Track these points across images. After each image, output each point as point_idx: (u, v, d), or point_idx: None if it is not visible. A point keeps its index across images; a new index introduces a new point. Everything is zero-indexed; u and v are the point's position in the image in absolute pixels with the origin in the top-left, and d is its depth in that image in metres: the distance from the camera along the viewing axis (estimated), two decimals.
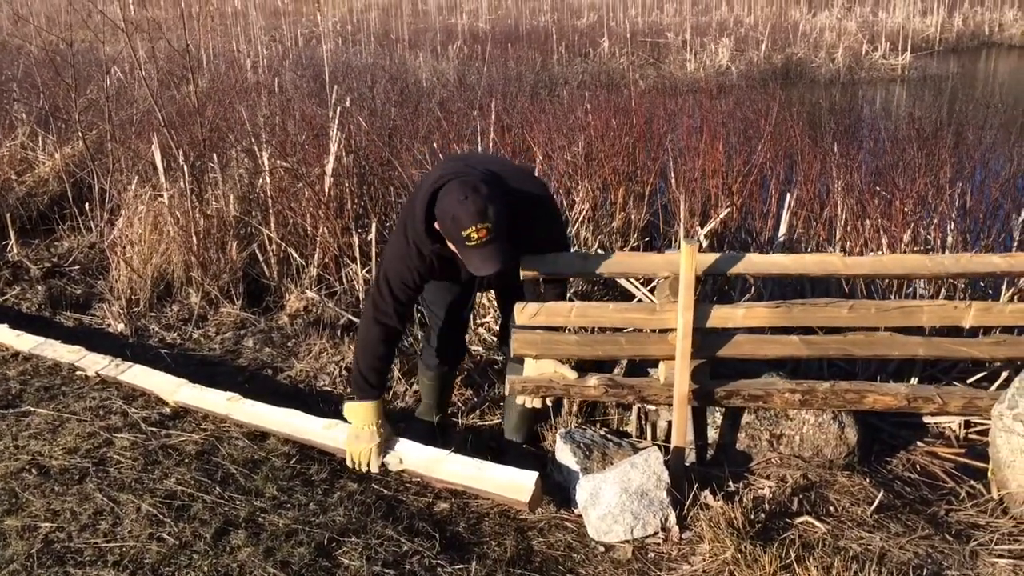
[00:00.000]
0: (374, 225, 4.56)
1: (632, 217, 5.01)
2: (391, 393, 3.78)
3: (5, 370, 3.84)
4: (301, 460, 3.11)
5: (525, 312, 2.97)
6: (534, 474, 2.81)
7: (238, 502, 2.80)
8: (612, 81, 11.28)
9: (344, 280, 4.71)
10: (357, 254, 4.62)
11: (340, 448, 3.08)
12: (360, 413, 2.99)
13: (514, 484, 2.82)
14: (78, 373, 3.73)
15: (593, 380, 3.03)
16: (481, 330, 4.28)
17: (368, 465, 3.00)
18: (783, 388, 3.03)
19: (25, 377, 3.76)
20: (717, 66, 14.15)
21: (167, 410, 3.41)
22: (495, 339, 4.15)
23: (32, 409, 3.41)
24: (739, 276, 3.00)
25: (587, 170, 5.04)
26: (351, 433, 3.02)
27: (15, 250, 5.45)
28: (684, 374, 2.89)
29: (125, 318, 4.42)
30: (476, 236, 2.52)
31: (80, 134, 6.32)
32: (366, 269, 4.60)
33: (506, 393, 3.12)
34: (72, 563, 2.47)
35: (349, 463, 3.04)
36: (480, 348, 4.14)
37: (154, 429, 3.25)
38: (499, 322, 3.51)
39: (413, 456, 3.01)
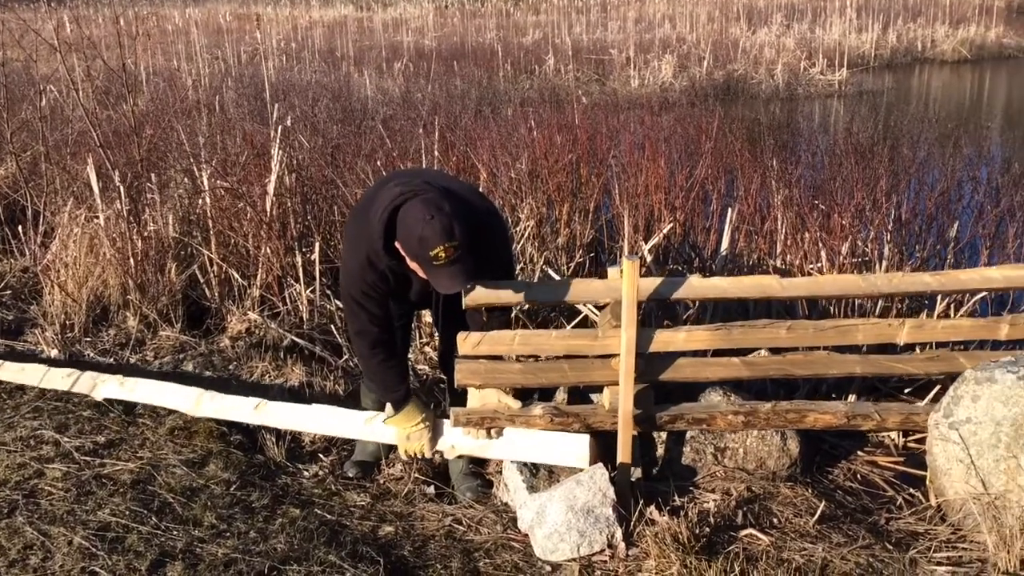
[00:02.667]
0: (318, 244, 4.51)
1: (577, 233, 5.02)
2: None
3: None
4: (241, 487, 3.05)
5: (468, 342, 2.95)
6: (586, 437, 2.95)
7: (175, 532, 2.72)
8: (557, 97, 11.35)
9: (288, 300, 4.64)
10: (301, 274, 4.56)
11: (384, 440, 3.22)
12: (400, 420, 3.02)
13: (570, 449, 2.95)
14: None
15: (538, 410, 3.02)
16: (428, 349, 4.25)
17: (423, 454, 3.10)
18: (726, 411, 3.06)
19: None
20: (661, 82, 14.33)
21: (101, 439, 3.31)
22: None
23: None
24: (681, 300, 3.03)
25: (532, 187, 5.04)
26: (400, 436, 3.05)
27: None
28: (628, 392, 2.89)
29: (59, 344, 4.28)
30: (444, 255, 2.52)
31: (13, 155, 6.15)
32: (310, 289, 4.54)
33: (451, 424, 3.09)
34: None
35: (405, 457, 3.14)
36: (426, 367, 4.11)
37: (88, 458, 3.15)
38: (440, 346, 3.47)
39: (465, 442, 3.09)
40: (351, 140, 5.86)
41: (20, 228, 5.51)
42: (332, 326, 4.39)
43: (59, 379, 3.71)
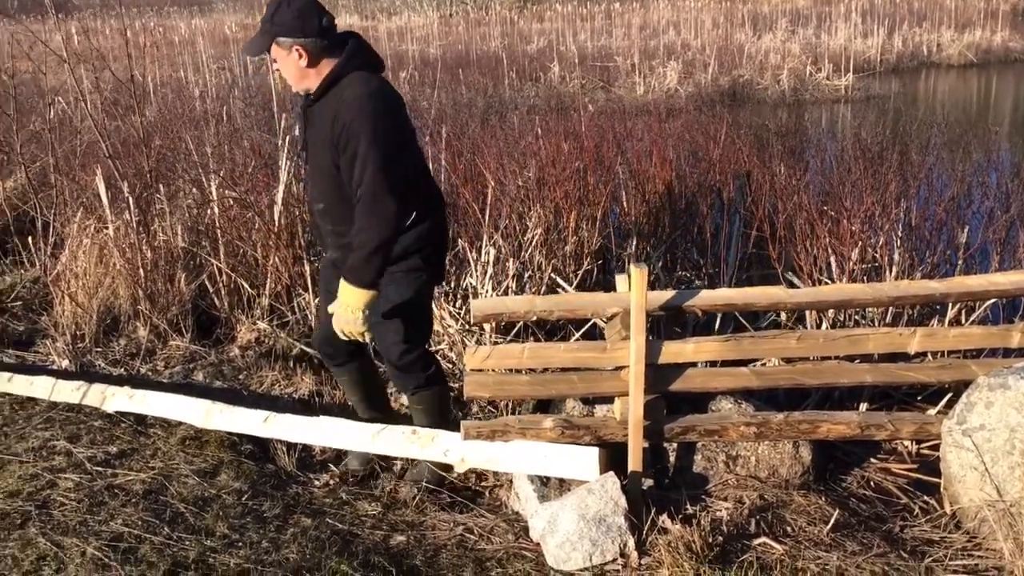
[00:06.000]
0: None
1: (585, 240, 5.02)
2: None
3: None
4: (253, 497, 3.05)
5: (476, 355, 2.95)
6: (595, 449, 2.89)
7: (187, 542, 2.72)
8: (563, 105, 11.37)
9: (296, 309, 4.65)
10: (309, 283, 4.57)
11: (392, 455, 3.24)
12: (362, 298, 2.81)
13: (580, 462, 2.89)
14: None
15: (548, 422, 3.01)
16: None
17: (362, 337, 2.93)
18: (738, 422, 3.05)
19: None
20: (666, 89, 14.34)
21: (113, 449, 3.32)
22: (451, 365, 4.12)
23: None
24: (690, 311, 3.03)
25: (539, 195, 5.05)
26: (341, 316, 2.85)
27: None
28: (638, 402, 2.88)
29: (70, 354, 4.29)
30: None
31: (22, 167, 6.17)
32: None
33: (462, 437, 3.07)
34: None
35: (342, 336, 2.93)
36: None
37: (100, 469, 3.16)
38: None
39: (475, 455, 3.04)
40: None
41: (30, 239, 5.53)
42: None
43: (69, 392, 3.71)
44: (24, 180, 6.19)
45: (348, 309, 2.84)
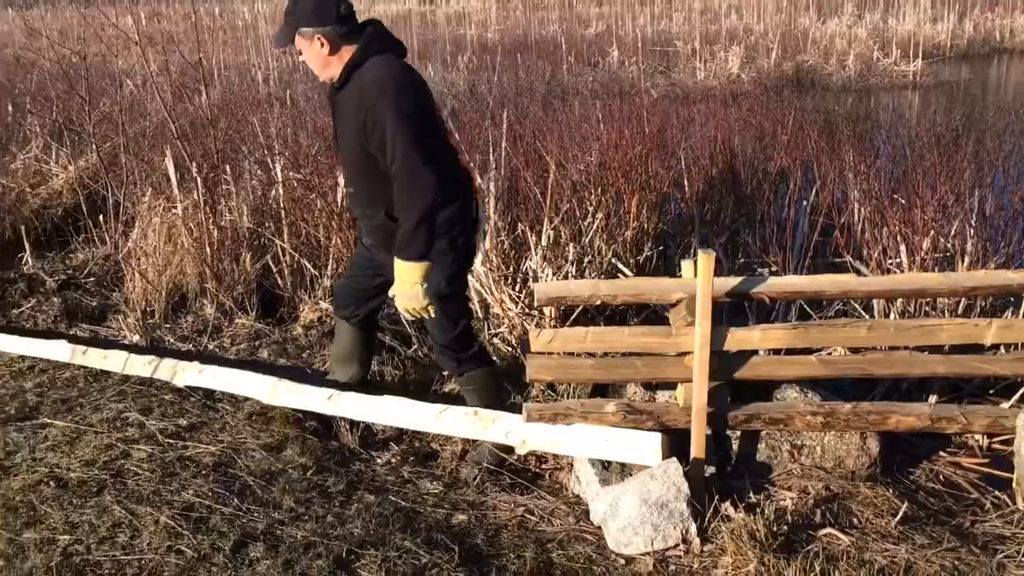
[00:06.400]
0: None
1: (646, 226, 4.98)
2: None
3: (22, 382, 3.85)
4: (318, 472, 3.10)
5: (540, 338, 2.96)
6: (658, 435, 2.88)
7: (256, 514, 2.78)
8: (622, 90, 11.27)
9: None
10: None
11: (455, 434, 3.25)
12: (417, 272, 2.87)
13: (642, 447, 2.89)
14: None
15: (611, 407, 3.00)
16: (496, 340, 4.26)
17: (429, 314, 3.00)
18: (804, 411, 3.00)
19: (42, 389, 3.77)
20: (727, 74, 14.11)
21: (183, 422, 3.40)
22: (510, 348, 4.13)
23: (49, 421, 3.41)
24: (757, 298, 2.98)
25: (600, 179, 5.02)
26: (402, 294, 2.92)
27: (30, 263, 5.46)
28: (702, 389, 2.86)
29: (141, 329, 4.41)
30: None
31: (94, 147, 6.34)
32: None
33: (523, 419, 3.07)
34: None
35: (408, 317, 3.04)
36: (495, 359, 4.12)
37: (171, 441, 3.24)
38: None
39: (536, 437, 3.05)
40: None
41: (101, 217, 5.69)
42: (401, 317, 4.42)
43: (141, 366, 3.81)
44: (96, 160, 6.36)
45: (406, 285, 2.89)
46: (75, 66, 6.67)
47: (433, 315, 3.02)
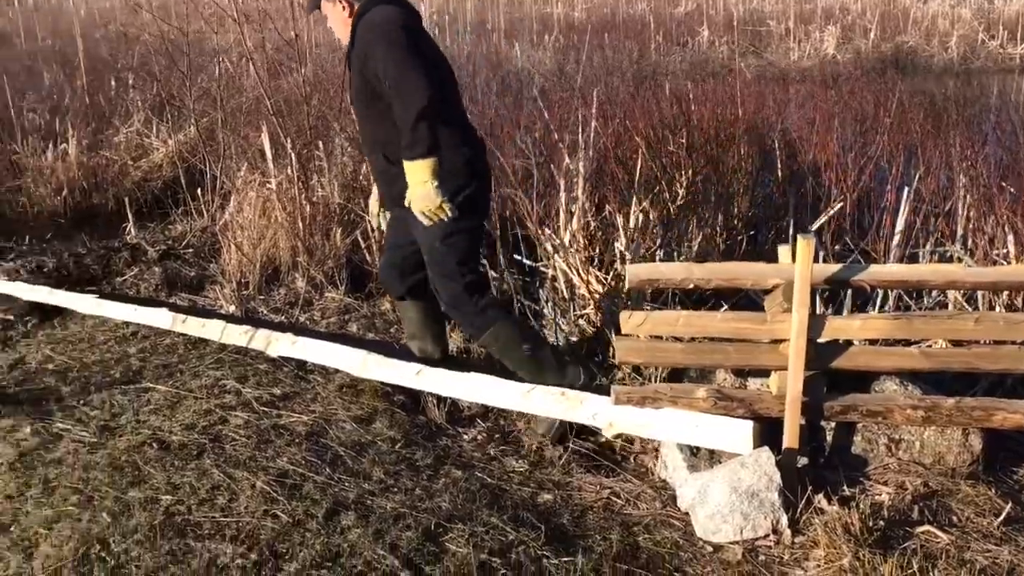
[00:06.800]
0: None
1: (737, 209, 4.89)
2: None
3: (126, 347, 4.01)
4: (406, 445, 3.15)
5: (631, 320, 2.93)
6: (750, 423, 2.83)
7: (347, 484, 2.85)
8: (712, 70, 11.04)
9: None
10: None
11: (541, 415, 3.22)
12: (426, 169, 2.97)
13: (734, 435, 2.83)
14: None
15: (701, 392, 2.95)
16: (581, 322, 4.24)
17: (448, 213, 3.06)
18: (904, 404, 2.89)
19: (144, 355, 3.92)
20: (822, 55, 13.69)
21: (277, 391, 3.50)
22: (595, 329, 4.11)
23: (152, 385, 3.55)
24: (857, 286, 2.89)
25: (690, 161, 4.93)
26: (416, 196, 3.02)
27: (133, 232, 5.68)
28: (797, 378, 2.79)
29: (236, 300, 4.55)
30: None
31: (193, 121, 6.54)
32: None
33: (611, 402, 3.04)
34: (192, 536, 2.56)
35: (428, 223, 3.08)
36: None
37: (266, 409, 3.34)
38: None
39: (624, 420, 3.03)
40: (509, 112, 5.89)
41: (199, 190, 5.87)
42: None
43: (237, 335, 3.93)
44: (194, 134, 6.56)
45: (417, 185, 2.99)
46: (176, 42, 6.86)
47: (449, 214, 3.06)
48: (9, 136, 6.84)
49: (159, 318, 4.15)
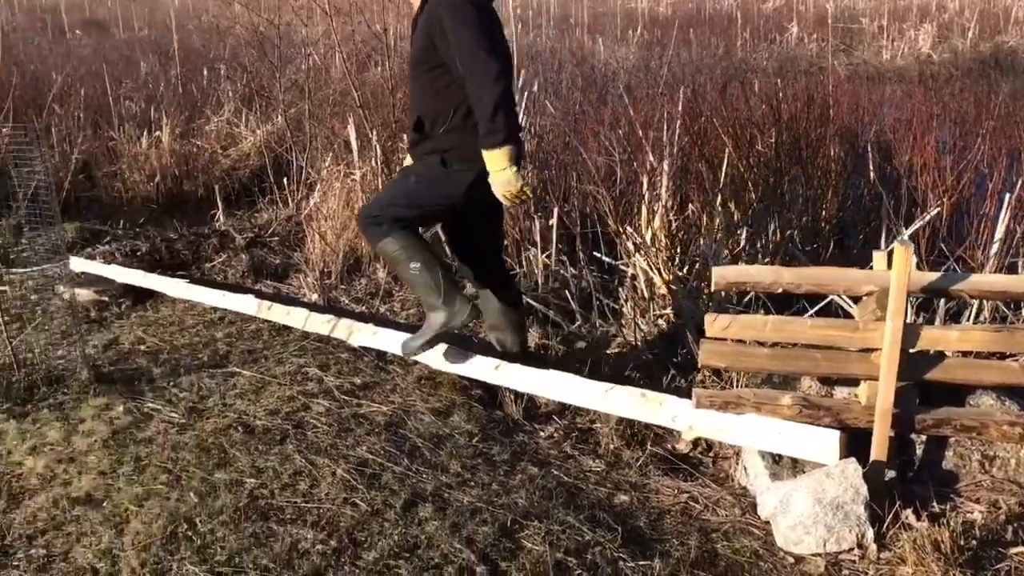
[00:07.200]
0: (556, 210, 4.55)
1: (823, 212, 4.75)
2: None
3: (213, 332, 4.13)
4: (483, 440, 3.16)
5: (717, 324, 2.88)
6: (836, 432, 2.76)
7: (425, 475, 2.87)
8: (802, 68, 10.76)
9: (524, 264, 4.74)
10: (537, 238, 4.63)
11: (619, 415, 3.21)
12: (505, 156, 3.00)
13: (819, 444, 2.77)
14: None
15: (787, 399, 2.88)
16: (660, 321, 4.19)
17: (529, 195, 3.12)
18: (1001, 420, 2.78)
19: (231, 339, 4.03)
20: (916, 54, 13.21)
21: (358, 380, 3.55)
22: (674, 330, 4.05)
23: (238, 370, 3.64)
24: (956, 295, 2.78)
25: (779, 162, 4.81)
26: (497, 182, 3.05)
27: (221, 220, 5.84)
28: (889, 388, 2.70)
29: (319, 289, 4.64)
30: None
31: (281, 112, 6.69)
32: (545, 254, 4.61)
33: (693, 406, 3.00)
34: (275, 519, 2.61)
35: (508, 204, 3.15)
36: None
37: (347, 398, 3.39)
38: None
39: (704, 424, 3.00)
40: (594, 107, 5.85)
41: (285, 180, 6.00)
42: (567, 292, 4.43)
43: (320, 324, 4.00)
44: (282, 124, 6.71)
45: (498, 173, 3.02)
46: (267, 34, 7.02)
47: (530, 195, 3.11)
48: (107, 123, 7.10)
49: (246, 304, 4.26)
